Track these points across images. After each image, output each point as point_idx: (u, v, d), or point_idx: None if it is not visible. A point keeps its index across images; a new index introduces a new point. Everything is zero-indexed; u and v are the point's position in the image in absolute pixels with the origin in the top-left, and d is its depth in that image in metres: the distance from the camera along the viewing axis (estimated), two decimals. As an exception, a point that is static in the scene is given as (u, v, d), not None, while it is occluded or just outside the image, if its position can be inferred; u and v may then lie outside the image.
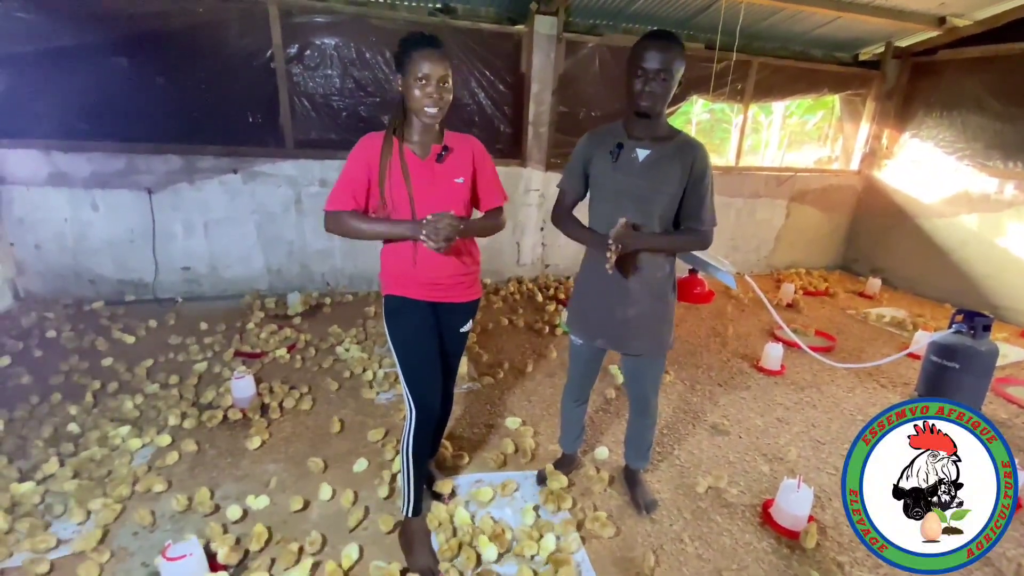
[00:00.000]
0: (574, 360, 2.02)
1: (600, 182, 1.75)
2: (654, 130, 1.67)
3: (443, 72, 1.50)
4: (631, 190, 1.68)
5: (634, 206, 1.68)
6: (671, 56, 1.53)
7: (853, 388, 3.23)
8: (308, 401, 2.72)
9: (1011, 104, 4.52)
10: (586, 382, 2.06)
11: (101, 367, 2.92)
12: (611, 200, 1.73)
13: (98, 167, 3.58)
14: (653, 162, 1.66)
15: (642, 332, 1.80)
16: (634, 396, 2.01)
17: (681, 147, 1.66)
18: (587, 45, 4.43)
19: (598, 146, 1.74)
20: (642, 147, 1.67)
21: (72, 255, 3.69)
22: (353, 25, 3.86)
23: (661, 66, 1.53)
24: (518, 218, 4.70)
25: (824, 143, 6.82)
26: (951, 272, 4.98)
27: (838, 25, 4.72)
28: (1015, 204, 4.51)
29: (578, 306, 1.91)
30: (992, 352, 2.84)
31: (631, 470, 2.19)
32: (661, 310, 1.80)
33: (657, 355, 1.88)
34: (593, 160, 1.74)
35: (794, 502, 2.01)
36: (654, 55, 1.53)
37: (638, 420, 2.04)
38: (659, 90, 1.56)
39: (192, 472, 2.18)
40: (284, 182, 3.99)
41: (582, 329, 1.90)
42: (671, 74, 1.55)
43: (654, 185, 1.66)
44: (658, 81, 1.55)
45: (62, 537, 1.80)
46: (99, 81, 3.47)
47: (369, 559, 1.79)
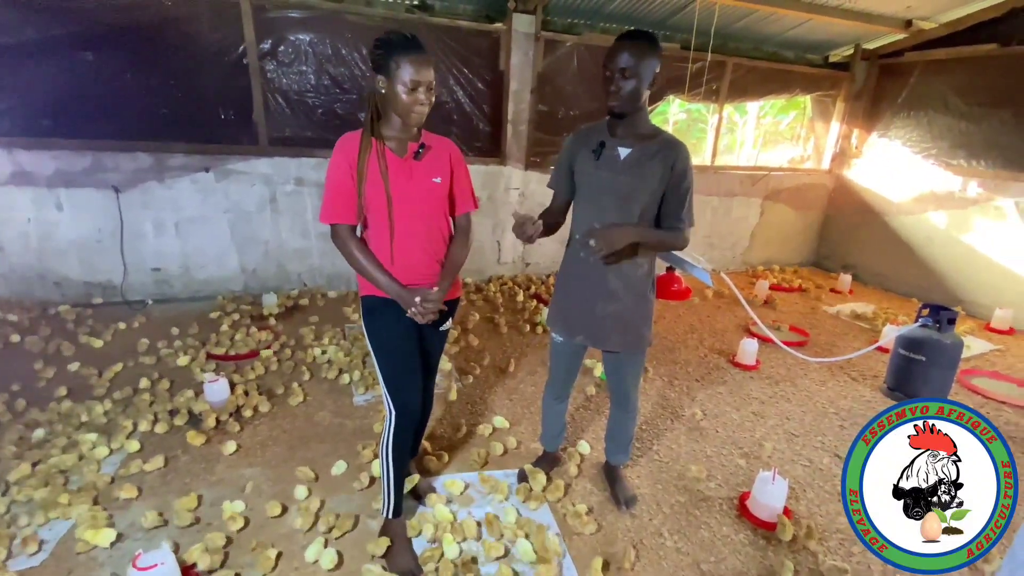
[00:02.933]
0: (555, 357, 2.03)
1: (583, 180, 1.76)
2: (635, 129, 1.68)
3: (431, 77, 1.51)
4: (613, 188, 1.69)
5: (616, 204, 1.69)
6: (636, 55, 1.54)
7: (825, 381, 3.31)
8: (284, 404, 2.67)
9: (975, 104, 4.68)
10: (567, 379, 2.07)
11: (68, 372, 2.83)
12: (593, 198, 1.74)
13: (63, 165, 3.46)
14: (635, 160, 1.67)
15: (621, 329, 1.82)
16: (615, 391, 2.03)
17: (663, 146, 1.66)
18: (565, 44, 4.44)
19: (583, 145, 1.75)
20: (624, 146, 1.68)
21: (36, 256, 3.56)
22: (328, 21, 3.80)
23: (626, 64, 1.54)
24: (498, 217, 4.70)
25: (797, 143, 6.96)
26: (918, 268, 5.14)
27: (809, 27, 4.82)
28: (979, 202, 4.67)
29: (559, 303, 1.92)
30: (957, 345, 2.94)
31: (611, 466, 2.20)
32: (640, 307, 1.81)
33: (637, 351, 1.90)
34: (577, 159, 1.76)
35: (769, 494, 2.05)
36: (618, 54, 1.55)
37: (618, 414, 2.07)
38: (625, 88, 1.57)
39: (165, 479, 2.12)
40: (259, 180, 3.91)
41: (562, 326, 1.91)
42: (637, 72, 1.55)
43: (635, 183, 1.66)
44: (624, 80, 1.56)
45: (30, 547, 1.73)
46: (64, 76, 3.36)
47: (349, 563, 1.76)
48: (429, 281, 1.68)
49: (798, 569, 1.86)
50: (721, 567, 1.87)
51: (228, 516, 1.89)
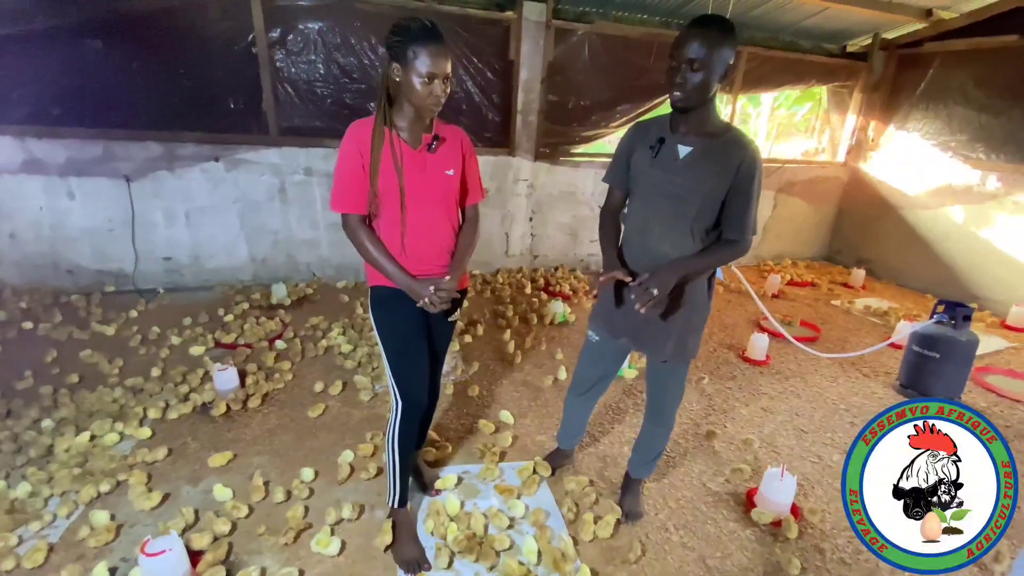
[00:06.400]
0: (588, 357, 1.94)
1: (637, 177, 1.63)
2: (700, 125, 1.52)
3: (448, 69, 1.46)
4: (667, 188, 1.56)
5: (669, 205, 1.57)
6: (708, 44, 1.38)
7: (837, 378, 3.27)
8: (293, 393, 2.68)
9: (996, 97, 4.56)
10: (600, 381, 1.98)
11: (79, 359, 2.86)
12: (646, 197, 1.62)
13: (74, 154, 3.48)
14: (695, 160, 1.52)
15: (671, 336, 1.69)
16: (651, 402, 1.92)
17: (728, 145, 1.50)
18: (576, 33, 4.38)
19: (642, 139, 1.62)
20: (685, 143, 1.54)
21: (49, 244, 3.60)
22: (338, 9, 3.77)
23: (695, 55, 1.38)
24: (507, 208, 4.67)
25: (811, 135, 6.85)
26: (934, 263, 5.05)
27: (826, 16, 4.71)
28: (997, 196, 4.57)
29: (605, 302, 1.80)
30: (972, 342, 2.89)
31: (631, 478, 2.10)
32: (693, 316, 1.69)
33: (680, 361, 1.77)
34: (635, 153, 1.63)
35: (778, 490, 2.03)
36: (687, 43, 1.39)
37: (651, 428, 1.96)
38: (689, 82, 1.41)
39: (174, 465, 2.14)
40: (268, 170, 3.91)
41: (606, 326, 1.82)
42: (707, 64, 1.39)
43: (692, 184, 1.52)
44: (689, 72, 1.41)
45: (42, 531, 1.76)
46: (74, 65, 3.36)
47: (355, 552, 1.77)
48: (439, 271, 1.66)
49: (805, 566, 1.85)
50: (727, 563, 1.86)
51: (235, 504, 1.91)
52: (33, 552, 1.67)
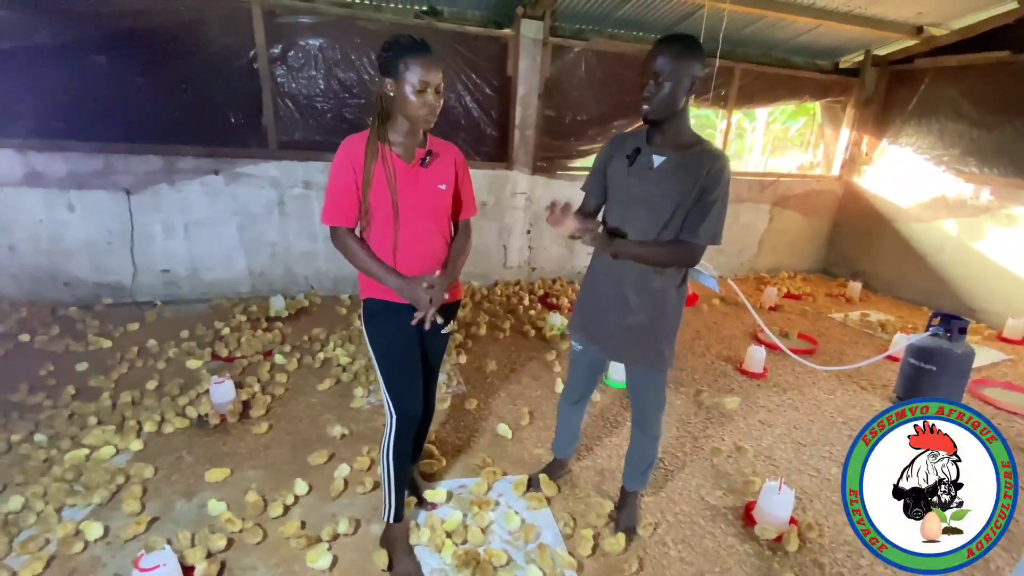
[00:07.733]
0: (574, 364, 2.00)
1: (614, 187, 1.71)
2: (674, 137, 1.60)
3: (440, 79, 1.50)
4: (642, 197, 1.63)
5: (644, 213, 1.63)
6: (671, 58, 1.47)
7: (834, 390, 3.27)
8: (289, 406, 2.68)
9: (986, 111, 4.62)
10: (585, 387, 2.03)
11: (76, 372, 2.85)
12: (623, 204, 1.69)
13: (75, 167, 3.50)
14: (668, 170, 1.59)
15: (637, 343, 1.75)
16: (634, 411, 1.96)
17: (699, 156, 1.58)
18: (573, 50, 4.44)
19: (618, 150, 1.69)
20: (659, 154, 1.61)
21: (47, 257, 3.60)
22: (338, 26, 3.83)
23: (659, 69, 1.48)
24: (504, 221, 4.70)
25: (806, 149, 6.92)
26: (929, 275, 5.08)
27: (818, 33, 4.80)
28: (990, 209, 4.61)
29: (580, 311, 1.88)
30: (968, 354, 2.90)
31: (627, 492, 2.09)
32: (659, 323, 1.73)
33: (655, 369, 1.81)
34: (611, 163, 1.71)
35: (776, 504, 2.02)
36: (652, 58, 1.49)
37: (637, 437, 1.98)
38: (655, 95, 1.50)
39: (169, 479, 2.13)
40: (267, 183, 3.94)
41: (583, 334, 1.88)
42: (670, 77, 1.48)
43: (665, 192, 1.59)
44: (654, 85, 1.50)
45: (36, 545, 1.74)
46: (76, 80, 3.40)
47: (350, 567, 1.76)
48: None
49: (804, 581, 1.83)
50: (726, 578, 1.85)
51: (230, 518, 1.89)
52: (28, 566, 1.65)
